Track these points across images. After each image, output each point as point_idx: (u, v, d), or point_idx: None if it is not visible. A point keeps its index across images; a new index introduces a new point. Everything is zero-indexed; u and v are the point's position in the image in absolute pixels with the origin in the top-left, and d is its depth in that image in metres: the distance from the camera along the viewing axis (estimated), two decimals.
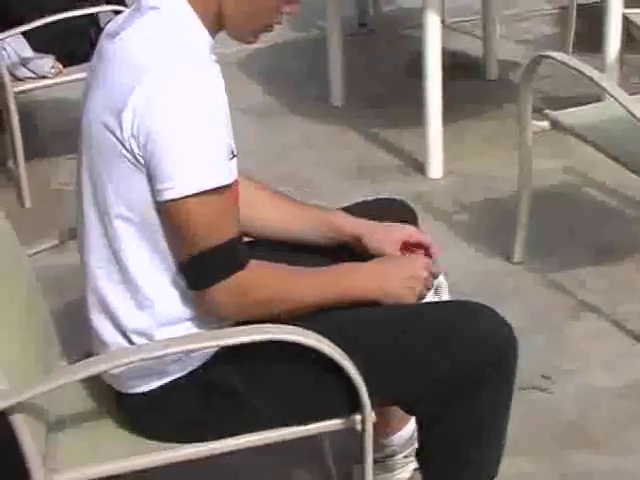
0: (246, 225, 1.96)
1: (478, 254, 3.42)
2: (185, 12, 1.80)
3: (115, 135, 1.75)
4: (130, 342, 1.87)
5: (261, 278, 1.85)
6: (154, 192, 1.76)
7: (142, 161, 1.74)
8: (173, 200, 1.74)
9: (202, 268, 1.79)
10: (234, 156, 1.81)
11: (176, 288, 1.85)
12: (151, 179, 1.75)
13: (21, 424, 1.72)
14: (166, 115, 1.71)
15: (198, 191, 1.73)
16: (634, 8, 4.13)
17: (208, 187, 1.73)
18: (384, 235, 2.07)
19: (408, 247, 2.09)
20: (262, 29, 1.89)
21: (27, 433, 1.74)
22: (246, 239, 2.08)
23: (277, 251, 2.04)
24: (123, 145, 1.74)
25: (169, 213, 1.77)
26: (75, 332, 2.05)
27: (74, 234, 1.99)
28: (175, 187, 1.73)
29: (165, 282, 1.85)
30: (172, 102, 1.72)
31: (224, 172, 1.76)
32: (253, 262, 1.83)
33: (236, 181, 1.81)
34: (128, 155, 1.75)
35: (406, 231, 2.10)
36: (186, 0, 1.80)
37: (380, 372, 1.85)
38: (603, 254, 3.36)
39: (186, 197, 1.73)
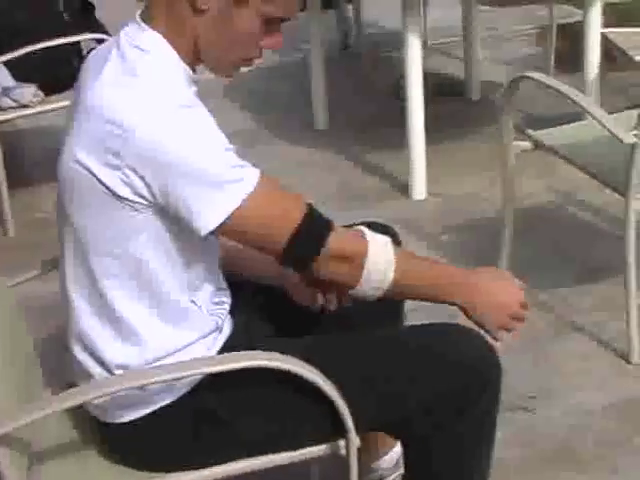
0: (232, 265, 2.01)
1: None
2: (165, 50, 1.79)
3: (100, 180, 1.73)
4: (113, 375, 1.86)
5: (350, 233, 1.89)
6: (199, 225, 1.74)
7: (141, 206, 1.73)
8: (230, 217, 1.72)
9: (300, 249, 1.80)
10: None
11: (164, 322, 1.84)
12: (183, 216, 1.74)
13: (3, 457, 1.71)
14: (171, 162, 1.70)
15: (243, 198, 1.72)
16: (613, 27, 4.17)
17: (251, 188, 1.73)
18: None
19: None
20: (239, 63, 1.88)
21: (9, 466, 1.73)
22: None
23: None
24: (111, 190, 1.73)
25: (234, 229, 1.76)
26: (59, 361, 2.04)
27: (56, 264, 1.98)
28: (226, 200, 1.72)
29: (153, 317, 1.84)
30: (172, 150, 1.70)
31: (250, 168, 1.76)
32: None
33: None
34: (119, 199, 1.73)
35: None
36: (163, 36, 1.79)
37: (363, 398, 1.84)
38: (588, 273, 3.37)
39: (241, 205, 1.72)
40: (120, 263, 1.80)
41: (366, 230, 1.89)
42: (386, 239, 1.89)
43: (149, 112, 1.71)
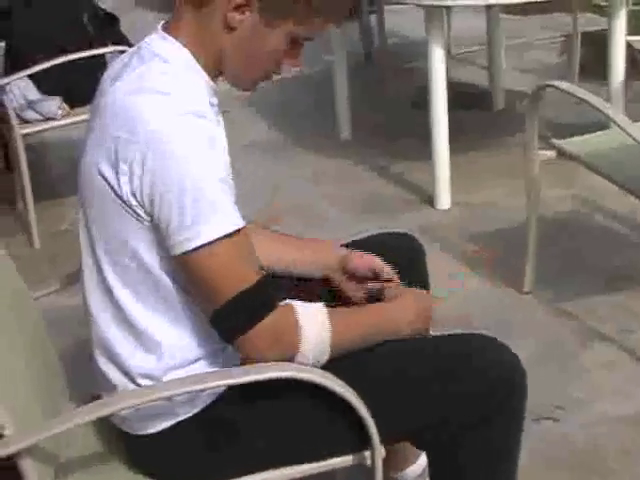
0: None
1: (487, 285, 3.41)
2: (186, 60, 1.80)
3: (112, 187, 1.74)
4: (137, 385, 1.85)
5: (294, 318, 1.81)
6: (167, 246, 1.73)
7: (143, 215, 1.73)
8: (191, 251, 1.70)
9: (234, 316, 1.75)
10: None
11: (184, 331, 1.84)
12: (161, 232, 1.73)
13: (28, 469, 1.71)
14: (168, 170, 1.69)
15: (214, 238, 1.70)
16: (637, 35, 4.16)
17: (224, 233, 1.70)
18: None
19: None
20: (260, 79, 1.88)
21: (35, 478, 1.73)
22: None
23: None
24: (120, 198, 1.73)
25: (187, 266, 1.73)
26: (83, 373, 2.04)
27: (75, 279, 1.99)
28: (191, 238, 1.70)
29: (172, 326, 1.83)
30: (173, 156, 1.69)
31: (235, 215, 1.74)
32: (283, 303, 1.81)
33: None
34: (126, 207, 1.73)
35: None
36: (186, 47, 1.79)
37: (387, 407, 1.84)
38: (613, 282, 3.35)
39: (203, 246, 1.70)
40: (131, 272, 1.80)
41: (299, 309, 1.82)
42: (320, 311, 1.85)
43: (162, 119, 1.70)
